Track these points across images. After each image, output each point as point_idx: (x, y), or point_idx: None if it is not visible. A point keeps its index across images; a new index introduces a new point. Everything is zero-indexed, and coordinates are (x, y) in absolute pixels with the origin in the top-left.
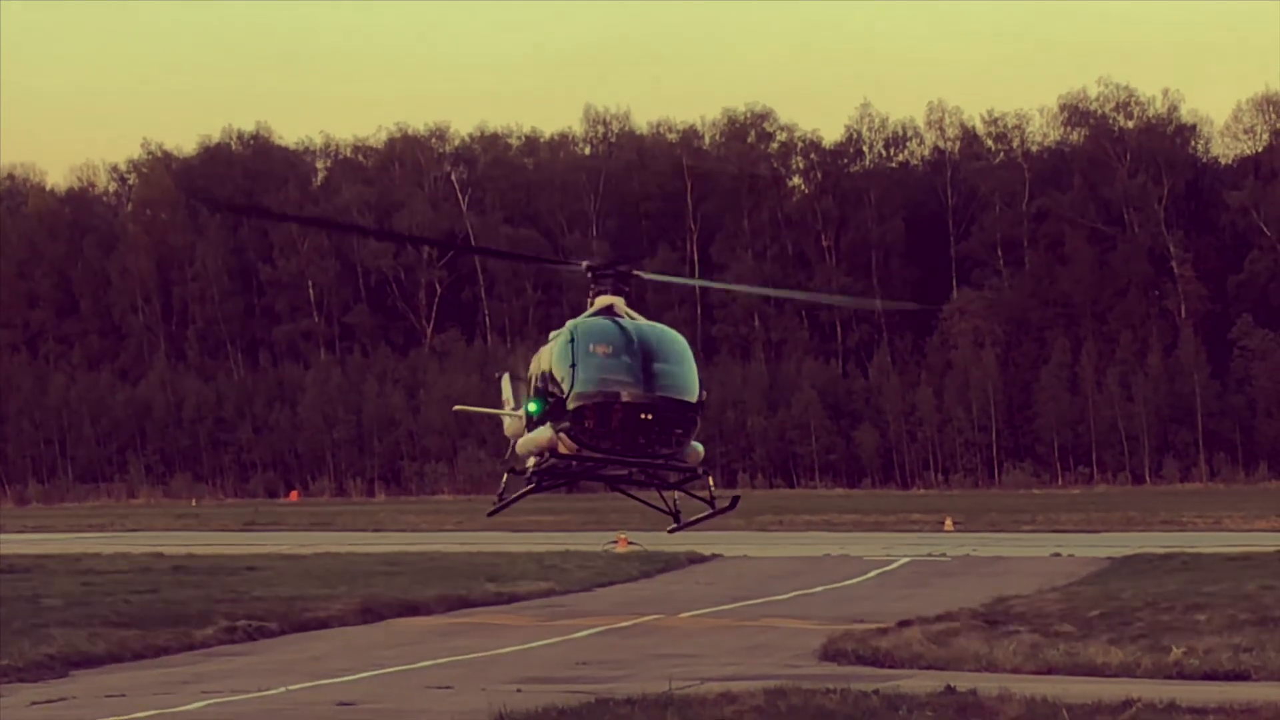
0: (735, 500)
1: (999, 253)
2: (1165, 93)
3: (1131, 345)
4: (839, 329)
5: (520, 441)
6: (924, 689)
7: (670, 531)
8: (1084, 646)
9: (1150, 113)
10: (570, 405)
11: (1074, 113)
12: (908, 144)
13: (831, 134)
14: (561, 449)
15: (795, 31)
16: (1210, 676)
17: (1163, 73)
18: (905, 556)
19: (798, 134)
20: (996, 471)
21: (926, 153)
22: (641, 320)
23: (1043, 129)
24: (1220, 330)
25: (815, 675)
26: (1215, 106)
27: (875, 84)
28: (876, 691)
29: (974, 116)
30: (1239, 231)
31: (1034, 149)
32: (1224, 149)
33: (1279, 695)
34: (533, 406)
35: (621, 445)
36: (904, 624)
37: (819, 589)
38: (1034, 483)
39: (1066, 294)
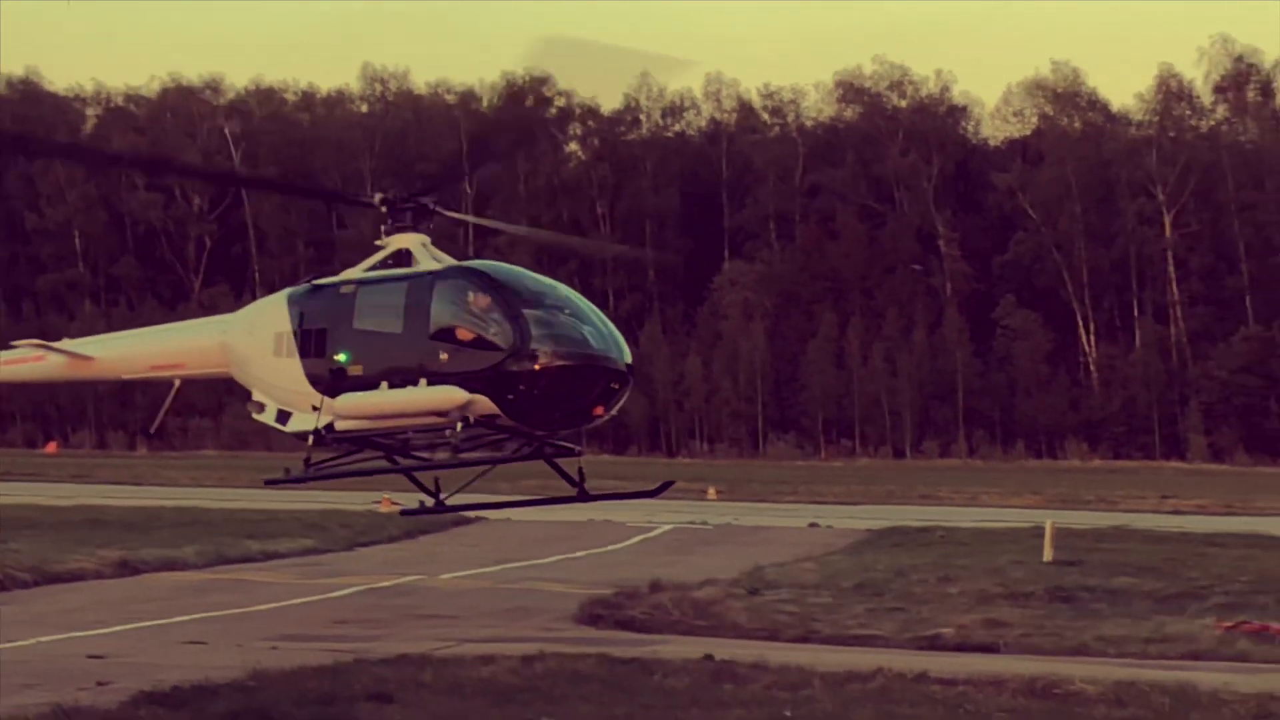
0: (665, 485)
1: (771, 226)
2: (938, 73)
3: (897, 322)
4: (611, 297)
5: (354, 399)
6: (681, 655)
7: (404, 514)
8: (839, 616)
9: (923, 92)
10: (514, 366)
11: (849, 90)
12: (685, 114)
13: (610, 102)
14: (464, 413)
15: None
16: (961, 648)
17: (936, 54)
18: (668, 524)
19: (576, 100)
20: (761, 442)
21: (703, 124)
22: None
23: (818, 105)
24: (984, 309)
25: (574, 639)
26: (986, 89)
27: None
28: (635, 659)
29: (751, 90)
30: (1005, 213)
31: (809, 124)
32: (993, 131)
33: (1026, 668)
34: (343, 357)
35: (563, 416)
36: (662, 589)
37: (581, 554)
38: (798, 454)
39: (836, 269)
